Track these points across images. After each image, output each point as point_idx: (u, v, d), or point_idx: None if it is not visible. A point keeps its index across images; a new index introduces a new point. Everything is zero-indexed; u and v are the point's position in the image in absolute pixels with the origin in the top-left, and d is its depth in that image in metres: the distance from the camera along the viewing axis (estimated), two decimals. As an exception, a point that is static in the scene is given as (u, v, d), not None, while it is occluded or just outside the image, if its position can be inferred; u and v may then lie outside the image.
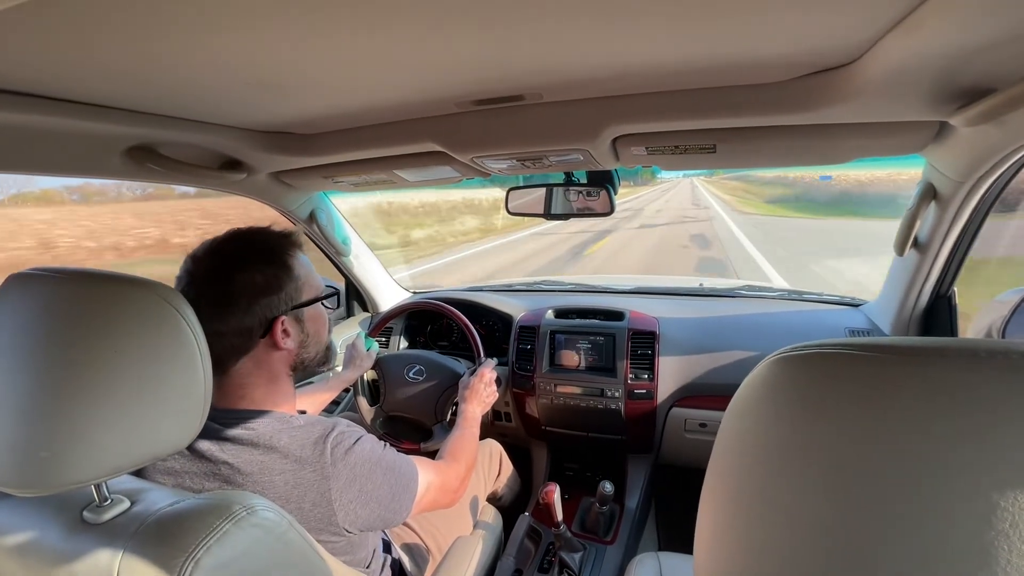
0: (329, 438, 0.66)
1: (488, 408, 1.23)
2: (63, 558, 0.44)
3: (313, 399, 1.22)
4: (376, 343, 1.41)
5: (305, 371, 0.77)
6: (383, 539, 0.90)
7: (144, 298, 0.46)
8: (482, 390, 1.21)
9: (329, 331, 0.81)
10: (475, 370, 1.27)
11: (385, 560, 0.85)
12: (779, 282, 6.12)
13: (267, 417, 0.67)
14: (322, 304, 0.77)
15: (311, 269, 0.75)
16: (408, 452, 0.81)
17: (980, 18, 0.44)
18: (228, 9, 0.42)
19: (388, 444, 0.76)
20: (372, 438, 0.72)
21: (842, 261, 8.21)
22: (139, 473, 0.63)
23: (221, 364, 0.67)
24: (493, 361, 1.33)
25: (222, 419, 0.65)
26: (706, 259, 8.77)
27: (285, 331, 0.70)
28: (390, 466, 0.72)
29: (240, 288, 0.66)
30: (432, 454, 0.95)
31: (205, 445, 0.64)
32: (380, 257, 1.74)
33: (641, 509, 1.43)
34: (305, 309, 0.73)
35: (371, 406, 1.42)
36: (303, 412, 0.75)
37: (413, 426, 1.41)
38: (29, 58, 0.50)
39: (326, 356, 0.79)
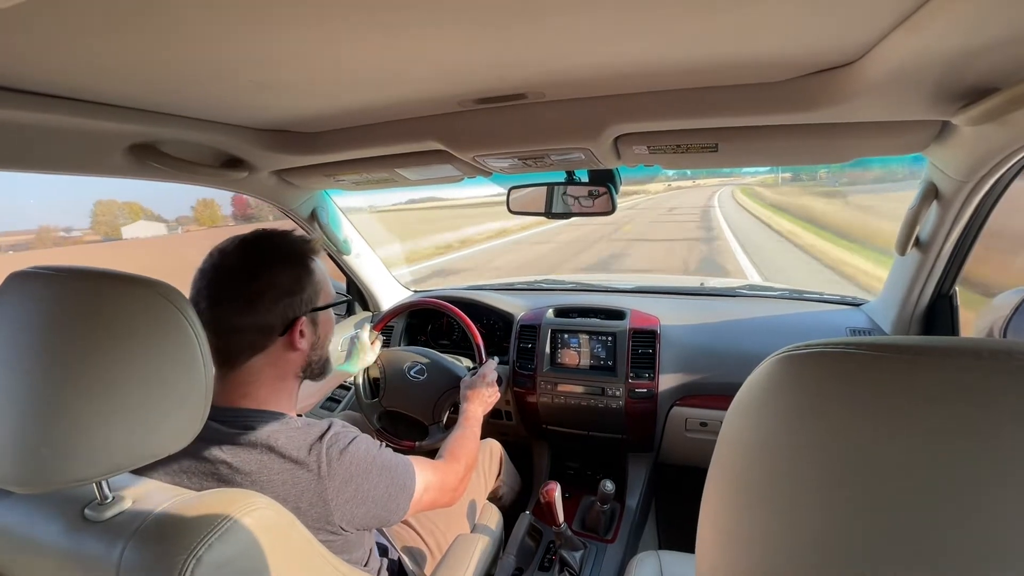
0: (324, 439, 0.67)
1: (489, 408, 1.23)
2: (65, 555, 0.44)
3: (314, 388, 1.23)
4: (380, 337, 1.42)
5: (308, 377, 0.78)
6: (380, 543, 0.90)
7: (145, 296, 0.46)
8: (484, 390, 1.22)
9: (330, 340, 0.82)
10: (476, 370, 1.28)
11: (384, 560, 0.85)
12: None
13: (266, 417, 0.67)
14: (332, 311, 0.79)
15: (327, 275, 0.78)
16: (405, 448, 0.81)
17: (983, 18, 0.44)
18: (230, 8, 0.42)
19: (384, 444, 0.76)
20: (367, 438, 0.73)
21: None
22: (139, 472, 0.64)
23: (231, 360, 0.68)
24: (495, 362, 1.33)
25: (222, 417, 0.65)
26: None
27: (302, 332, 0.71)
28: (385, 466, 0.72)
29: (267, 285, 0.68)
30: (429, 453, 0.95)
31: (204, 444, 0.64)
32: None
33: (642, 508, 1.43)
34: (320, 313, 0.75)
35: (370, 400, 1.43)
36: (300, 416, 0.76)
37: (410, 423, 1.41)
38: (31, 56, 0.50)
39: (323, 367, 0.80)
